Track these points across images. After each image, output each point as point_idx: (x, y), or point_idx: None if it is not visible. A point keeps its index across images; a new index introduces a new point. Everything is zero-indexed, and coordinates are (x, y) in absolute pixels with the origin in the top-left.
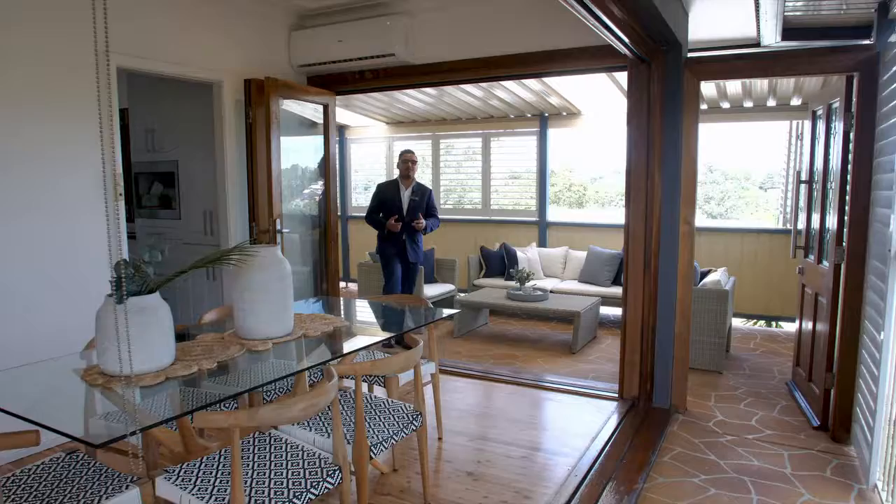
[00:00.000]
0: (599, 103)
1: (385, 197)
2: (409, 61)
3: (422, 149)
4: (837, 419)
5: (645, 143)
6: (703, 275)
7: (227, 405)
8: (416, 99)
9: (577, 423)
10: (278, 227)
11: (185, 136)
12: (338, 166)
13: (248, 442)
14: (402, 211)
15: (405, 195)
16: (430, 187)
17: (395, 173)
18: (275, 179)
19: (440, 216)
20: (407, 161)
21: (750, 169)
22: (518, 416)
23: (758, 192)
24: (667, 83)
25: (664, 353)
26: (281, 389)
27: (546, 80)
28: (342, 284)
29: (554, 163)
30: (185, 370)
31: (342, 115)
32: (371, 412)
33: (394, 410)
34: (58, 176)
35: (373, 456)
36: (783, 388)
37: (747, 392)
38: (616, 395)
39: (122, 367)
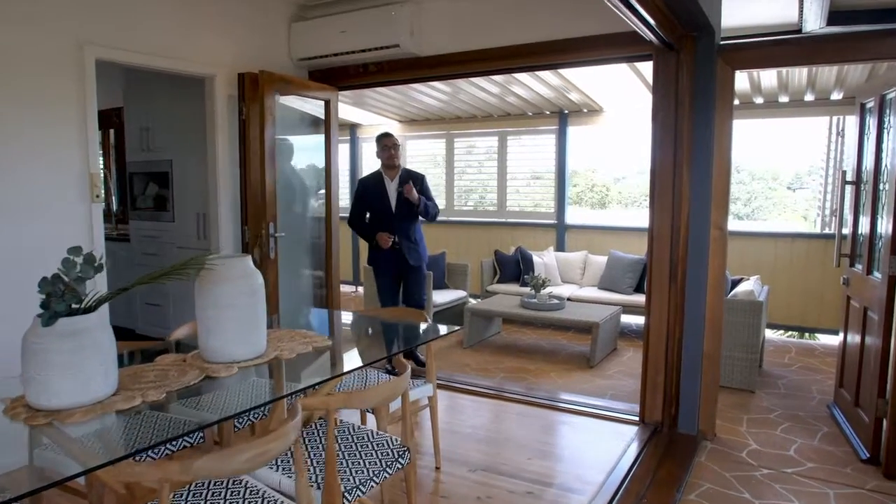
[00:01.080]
0: (622, 99)
1: (369, 194)
2: (414, 53)
3: (435, 148)
4: (892, 452)
5: (672, 141)
6: (735, 283)
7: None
8: (429, 96)
9: (592, 451)
10: (272, 231)
11: (180, 135)
12: (339, 166)
13: (202, 485)
14: (391, 208)
15: (392, 188)
16: (421, 177)
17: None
18: (269, 180)
19: (449, 217)
20: (387, 147)
21: (777, 168)
22: (527, 441)
23: (785, 192)
24: (697, 74)
25: (691, 373)
26: (256, 414)
27: (565, 74)
28: (352, 289)
29: (575, 162)
30: (126, 403)
31: (354, 114)
32: (350, 448)
33: (378, 445)
34: (32, 176)
35: (347, 502)
36: (824, 411)
37: (784, 415)
38: (637, 419)
39: (48, 399)
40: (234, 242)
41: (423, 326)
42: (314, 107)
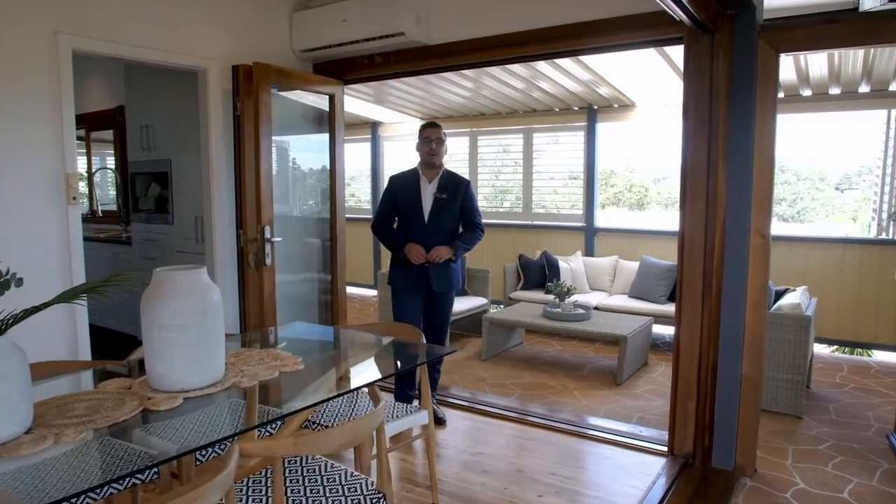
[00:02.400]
0: (655, 93)
1: (400, 195)
2: (422, 42)
3: (458, 146)
4: None
5: (705, 136)
6: (779, 295)
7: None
8: (452, 92)
9: (614, 487)
10: (267, 234)
11: (178, 133)
12: (346, 166)
13: None
14: (424, 217)
15: (428, 192)
16: (466, 183)
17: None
18: (264, 180)
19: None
20: (429, 140)
21: (825, 168)
22: (541, 474)
23: (833, 193)
24: (735, 58)
25: (728, 399)
26: (223, 446)
27: (593, 66)
28: (373, 293)
29: (612, 162)
30: (34, 445)
31: (375, 111)
32: (315, 494)
33: (350, 490)
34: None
35: None
36: (883, 442)
37: (836, 447)
38: (665, 450)
39: None
40: (230, 247)
41: (416, 348)
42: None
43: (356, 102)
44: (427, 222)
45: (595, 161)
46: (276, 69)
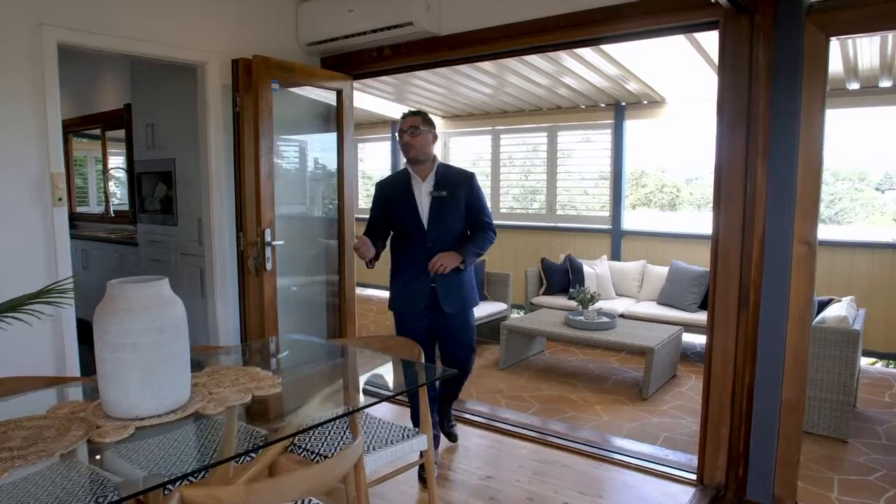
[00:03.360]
0: (687, 88)
1: (392, 202)
2: (432, 32)
3: (480, 146)
4: None
5: (743, 131)
6: (822, 306)
7: None
8: (474, 89)
9: None
10: (267, 238)
11: (182, 131)
12: (354, 164)
13: None
14: (422, 222)
15: (422, 192)
16: (468, 177)
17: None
18: (264, 180)
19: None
20: (402, 131)
21: (864, 166)
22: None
23: (873, 193)
24: (778, 43)
25: (765, 426)
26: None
27: (621, 60)
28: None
29: (643, 161)
30: None
31: (396, 109)
32: None
33: None
34: None
35: None
36: None
37: (888, 477)
38: (694, 478)
39: None
40: (229, 250)
41: (415, 367)
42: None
43: (377, 101)
44: (427, 228)
45: (622, 160)
46: (278, 63)
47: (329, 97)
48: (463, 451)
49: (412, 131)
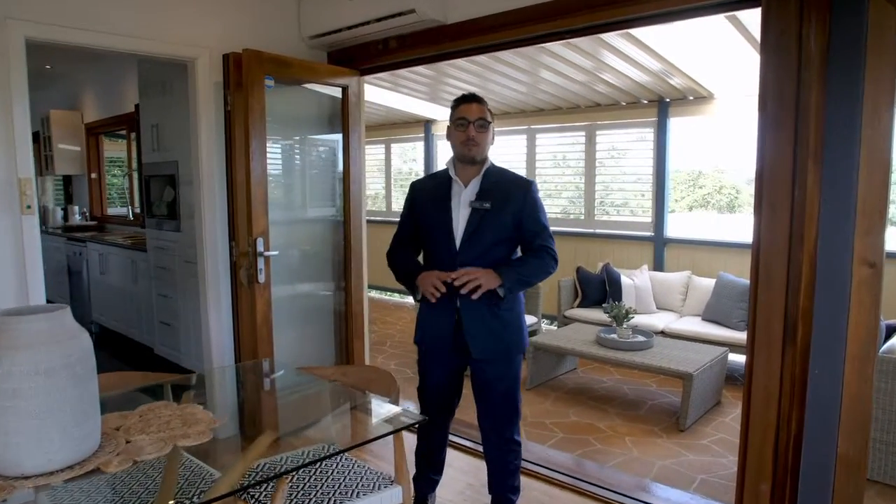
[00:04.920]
0: (737, 81)
1: (423, 209)
2: (437, 20)
3: (514, 146)
4: None
5: (790, 128)
6: (890, 331)
7: None
8: (507, 87)
9: None
10: (260, 247)
11: (186, 133)
12: (359, 169)
13: None
14: (454, 239)
15: (462, 199)
16: (526, 186)
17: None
18: (255, 185)
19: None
20: (466, 121)
21: None
22: None
23: None
24: (836, 20)
25: (817, 484)
26: None
27: (663, 52)
28: (412, 301)
29: (694, 161)
30: None
31: (428, 109)
32: None
33: None
34: None
35: None
36: None
37: None
38: None
39: None
40: (223, 261)
41: (386, 407)
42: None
43: (410, 101)
44: (459, 247)
45: (666, 161)
46: (271, 57)
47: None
48: (463, 489)
49: (480, 124)
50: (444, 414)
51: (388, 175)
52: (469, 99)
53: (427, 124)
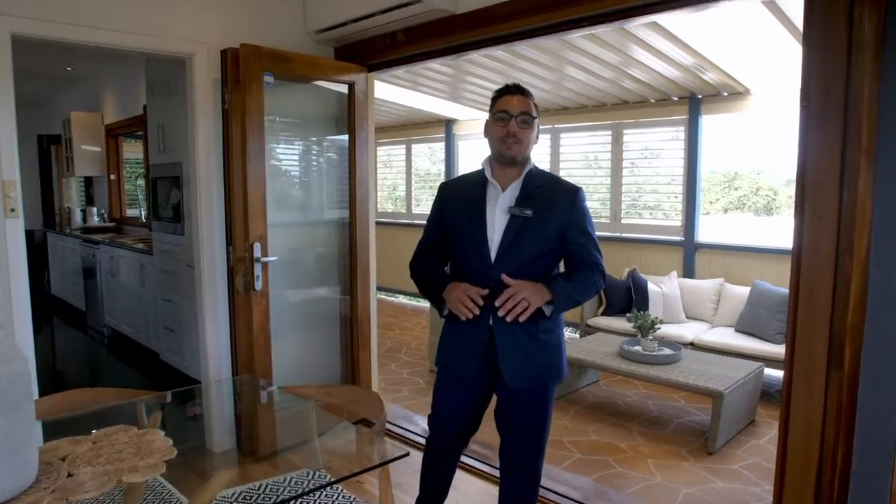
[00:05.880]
0: (776, 76)
1: (453, 214)
2: (446, 10)
3: (539, 146)
4: None
5: (839, 122)
6: None
7: None
8: (531, 85)
9: None
10: (256, 253)
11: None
12: (365, 170)
13: None
14: (488, 250)
15: (499, 207)
16: (573, 192)
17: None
18: (252, 188)
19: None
20: (508, 115)
21: None
22: None
23: None
24: (893, 2)
25: None
26: None
27: (696, 45)
28: (427, 305)
29: (728, 161)
30: None
31: (449, 109)
32: None
33: None
34: None
35: None
36: None
37: None
38: None
39: None
40: (221, 266)
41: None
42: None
43: (430, 100)
44: (495, 260)
45: (697, 162)
46: (270, 51)
47: (380, 95)
48: None
49: (524, 119)
50: (457, 445)
51: (409, 176)
52: (512, 90)
53: (448, 124)
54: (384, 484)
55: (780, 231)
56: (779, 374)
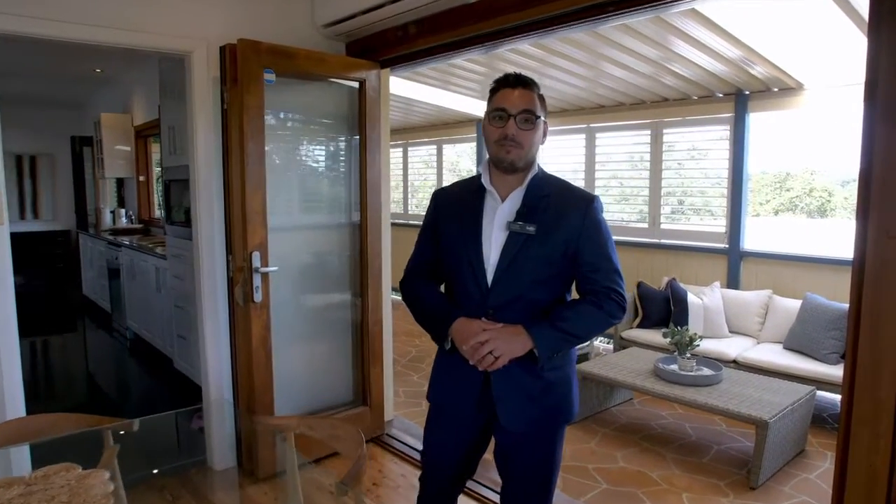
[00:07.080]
0: (834, 68)
1: (446, 226)
2: None
3: (573, 147)
4: None
5: None
6: None
7: None
8: (565, 82)
9: None
10: (255, 263)
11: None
12: (377, 173)
13: None
14: (484, 269)
15: (497, 221)
16: (587, 202)
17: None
18: (250, 193)
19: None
20: (505, 112)
21: None
22: None
23: None
24: None
25: None
26: None
27: (743, 37)
28: None
29: (779, 161)
30: None
31: (480, 108)
32: None
33: None
34: None
35: None
36: None
37: None
38: None
39: None
40: (221, 276)
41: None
42: (407, 89)
43: (461, 99)
44: (492, 284)
45: (744, 162)
46: (271, 47)
47: (401, 95)
48: None
49: (525, 118)
50: (452, 491)
51: (440, 178)
52: (511, 82)
53: (478, 124)
54: None
55: (834, 236)
56: (833, 397)
